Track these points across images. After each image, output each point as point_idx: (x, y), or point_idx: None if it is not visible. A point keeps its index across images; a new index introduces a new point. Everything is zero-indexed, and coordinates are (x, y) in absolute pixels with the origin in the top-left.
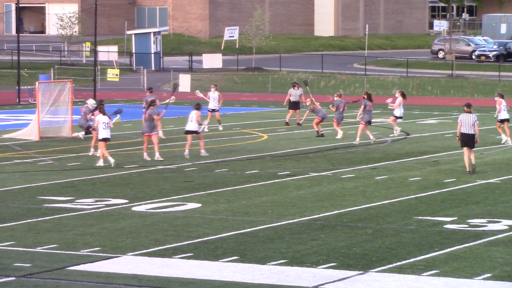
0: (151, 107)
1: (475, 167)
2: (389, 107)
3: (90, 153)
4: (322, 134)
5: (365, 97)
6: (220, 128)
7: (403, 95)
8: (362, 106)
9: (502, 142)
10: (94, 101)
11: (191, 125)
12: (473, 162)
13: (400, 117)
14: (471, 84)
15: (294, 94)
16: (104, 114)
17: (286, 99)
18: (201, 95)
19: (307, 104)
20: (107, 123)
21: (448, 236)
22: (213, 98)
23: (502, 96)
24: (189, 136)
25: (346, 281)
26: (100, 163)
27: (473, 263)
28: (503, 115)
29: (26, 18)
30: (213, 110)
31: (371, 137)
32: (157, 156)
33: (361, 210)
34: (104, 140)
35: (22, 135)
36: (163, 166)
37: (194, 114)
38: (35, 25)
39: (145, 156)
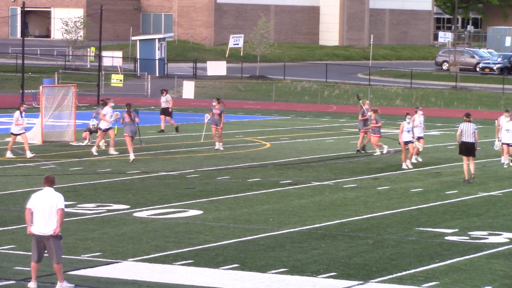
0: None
1: (473, 177)
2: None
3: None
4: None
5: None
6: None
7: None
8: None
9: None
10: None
11: (406, 136)
12: (472, 171)
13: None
14: (475, 96)
15: (162, 100)
16: None
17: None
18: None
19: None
20: None
21: (448, 247)
22: (419, 122)
23: None
24: (403, 146)
25: None
26: None
27: (473, 275)
28: None
29: (32, 22)
30: (419, 138)
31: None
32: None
33: (362, 220)
34: None
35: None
36: (165, 173)
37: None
38: (40, 29)
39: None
